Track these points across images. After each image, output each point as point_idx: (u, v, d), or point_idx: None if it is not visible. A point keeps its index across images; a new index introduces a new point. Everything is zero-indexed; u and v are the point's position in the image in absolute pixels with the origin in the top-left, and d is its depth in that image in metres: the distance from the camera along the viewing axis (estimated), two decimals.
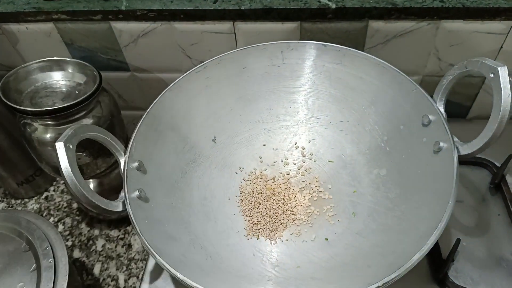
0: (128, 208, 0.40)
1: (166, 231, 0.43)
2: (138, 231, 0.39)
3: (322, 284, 0.40)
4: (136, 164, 0.45)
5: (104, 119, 0.55)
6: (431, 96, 0.46)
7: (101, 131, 0.44)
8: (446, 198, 0.38)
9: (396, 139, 0.49)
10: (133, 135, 0.46)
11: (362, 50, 0.52)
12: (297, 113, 0.57)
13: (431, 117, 0.45)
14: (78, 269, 0.58)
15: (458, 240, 0.45)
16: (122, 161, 0.45)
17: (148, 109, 0.49)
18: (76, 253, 0.60)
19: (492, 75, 0.39)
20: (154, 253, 0.37)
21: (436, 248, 0.48)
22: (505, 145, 0.55)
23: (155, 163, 0.48)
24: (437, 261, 0.47)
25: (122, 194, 0.42)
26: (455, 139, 0.42)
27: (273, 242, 0.48)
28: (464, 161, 0.57)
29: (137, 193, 0.43)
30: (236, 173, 0.55)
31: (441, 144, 0.42)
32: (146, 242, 0.38)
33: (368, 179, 0.51)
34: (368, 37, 0.57)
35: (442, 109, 0.45)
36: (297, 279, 0.41)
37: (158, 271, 0.50)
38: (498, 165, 0.56)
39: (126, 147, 0.46)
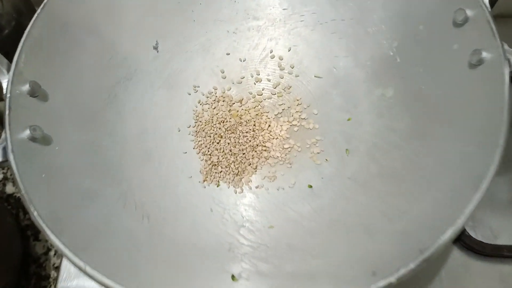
0: (10, 157, 0.26)
1: (79, 186, 0.30)
2: (23, 193, 0.25)
3: (301, 257, 0.28)
4: (27, 87, 0.30)
5: (7, 18, 0.41)
6: None
7: None
8: (490, 136, 0.26)
9: (411, 45, 0.35)
10: (21, 43, 0.30)
11: None
12: (273, 8, 0.42)
13: (468, 11, 0.30)
14: (13, 207, 0.48)
15: None
16: (4, 83, 0.29)
17: (45, 1, 0.32)
18: (10, 188, 0.49)
19: None
20: (46, 230, 0.24)
21: None
22: None
23: (63, 85, 0.33)
24: None
25: (3, 135, 0.28)
26: (506, 46, 0.28)
27: (238, 190, 0.35)
28: None
29: (28, 132, 0.28)
30: (189, 94, 0.40)
31: (484, 54, 0.29)
32: (33, 211, 0.24)
33: (368, 102, 0.37)
34: None
35: (486, 0, 0.30)
36: (268, 248, 0.30)
37: None
38: None
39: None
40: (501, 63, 0.27)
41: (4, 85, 0.30)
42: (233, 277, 0.26)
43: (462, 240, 0.36)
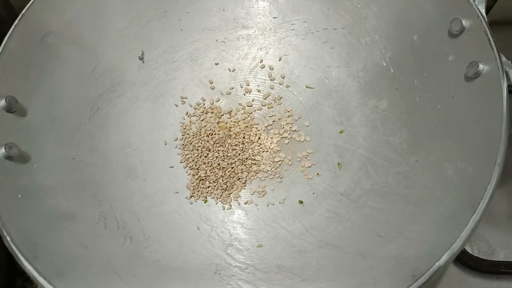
0: None
1: (57, 206, 0.28)
2: None
3: (290, 280, 0.27)
4: (3, 102, 0.28)
5: None
6: None
7: None
8: (488, 154, 0.24)
9: (406, 56, 0.34)
10: None
11: None
12: (263, 17, 0.41)
13: (465, 22, 0.29)
14: None
15: None
16: None
17: (24, 11, 0.31)
18: None
19: None
20: (19, 256, 0.22)
21: None
22: None
23: (43, 99, 0.31)
24: None
25: None
26: (504, 59, 0.27)
27: (226, 206, 0.34)
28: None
29: (3, 150, 0.27)
30: (176, 106, 0.39)
31: (481, 66, 0.27)
32: (6, 236, 0.23)
33: (361, 115, 0.36)
34: None
35: (482, 10, 0.29)
36: (256, 269, 0.29)
37: None
38: None
39: None
40: (499, 76, 0.26)
41: None
42: None
43: (458, 256, 0.35)
